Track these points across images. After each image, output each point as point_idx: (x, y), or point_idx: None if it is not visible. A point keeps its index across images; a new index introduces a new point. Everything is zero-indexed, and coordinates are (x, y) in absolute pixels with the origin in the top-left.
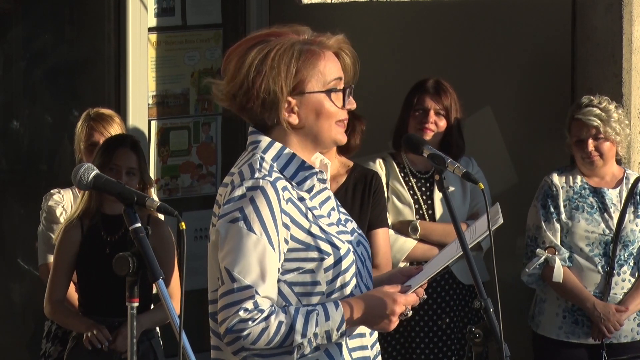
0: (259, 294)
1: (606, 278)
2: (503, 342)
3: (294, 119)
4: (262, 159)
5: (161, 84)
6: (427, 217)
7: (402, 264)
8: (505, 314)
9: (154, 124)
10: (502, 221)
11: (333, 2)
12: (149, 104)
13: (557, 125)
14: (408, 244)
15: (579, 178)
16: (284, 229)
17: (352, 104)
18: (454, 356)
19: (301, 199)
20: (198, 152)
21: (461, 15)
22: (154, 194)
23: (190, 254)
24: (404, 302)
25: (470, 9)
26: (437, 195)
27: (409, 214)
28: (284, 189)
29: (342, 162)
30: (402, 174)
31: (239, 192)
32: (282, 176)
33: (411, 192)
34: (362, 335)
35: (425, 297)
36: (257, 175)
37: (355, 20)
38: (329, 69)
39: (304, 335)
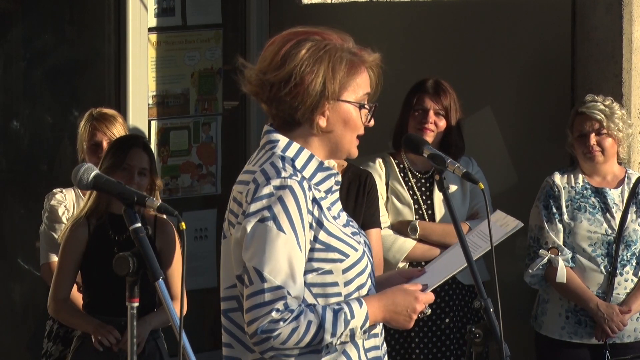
0: (290, 295)
1: (609, 278)
2: (503, 342)
3: (323, 122)
4: (284, 158)
5: (161, 84)
6: (426, 217)
7: (401, 264)
8: (505, 313)
9: (154, 124)
10: (522, 224)
11: (333, 2)
12: (149, 104)
13: (557, 125)
14: (407, 244)
15: (580, 178)
16: (309, 230)
17: (371, 122)
18: (454, 356)
19: (321, 199)
20: (198, 152)
21: (461, 15)
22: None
23: (190, 254)
24: (425, 300)
25: (471, 9)
26: (437, 195)
27: (409, 214)
28: (309, 188)
29: (337, 162)
30: (402, 174)
31: (266, 190)
32: (304, 176)
33: (411, 192)
34: (376, 335)
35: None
36: (283, 174)
37: (355, 20)
38: (363, 83)
39: (333, 334)
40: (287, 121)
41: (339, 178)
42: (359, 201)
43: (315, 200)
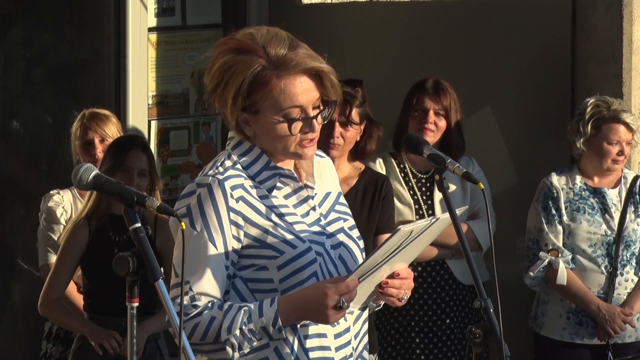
0: (193, 290)
1: (610, 278)
2: (503, 342)
3: (250, 131)
4: (229, 155)
5: (161, 84)
6: (427, 218)
7: None
8: (505, 314)
9: (154, 124)
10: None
11: (333, 2)
12: (149, 104)
13: (557, 125)
14: None
15: (578, 179)
16: (234, 227)
17: (312, 130)
18: (454, 356)
19: (263, 197)
20: (198, 152)
21: (461, 15)
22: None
23: None
24: (334, 292)
25: (471, 9)
26: (437, 196)
27: (409, 214)
28: (236, 187)
29: (354, 166)
30: (402, 174)
31: (189, 188)
32: (243, 174)
33: (411, 192)
34: (321, 335)
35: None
36: (211, 172)
37: (355, 20)
38: (284, 98)
39: (229, 331)
40: None
41: (292, 174)
42: (374, 206)
43: (244, 199)
